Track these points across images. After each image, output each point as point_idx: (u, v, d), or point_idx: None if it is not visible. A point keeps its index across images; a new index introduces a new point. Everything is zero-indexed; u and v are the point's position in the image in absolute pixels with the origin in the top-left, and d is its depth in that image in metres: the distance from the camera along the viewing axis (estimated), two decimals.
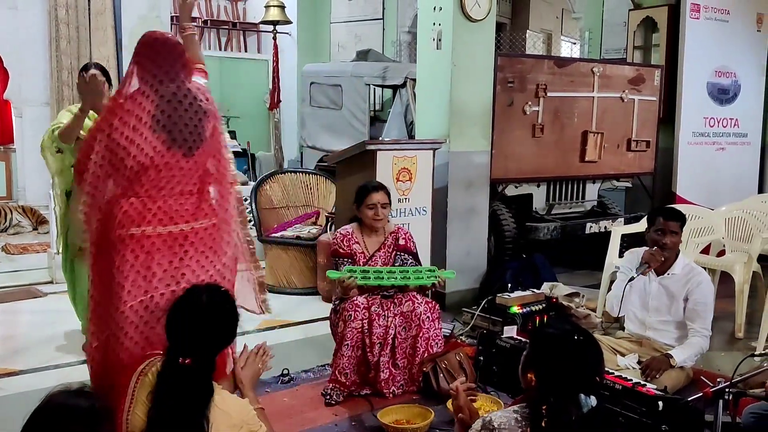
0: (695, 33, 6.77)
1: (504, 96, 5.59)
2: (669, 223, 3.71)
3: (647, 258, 3.72)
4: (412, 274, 3.78)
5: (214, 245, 2.74)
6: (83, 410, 1.70)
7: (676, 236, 3.72)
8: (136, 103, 2.60)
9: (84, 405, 1.71)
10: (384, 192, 3.90)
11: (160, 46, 2.70)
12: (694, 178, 6.87)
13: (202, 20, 10.62)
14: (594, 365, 2.05)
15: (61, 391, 1.77)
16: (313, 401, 3.63)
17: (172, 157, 2.62)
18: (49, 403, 1.72)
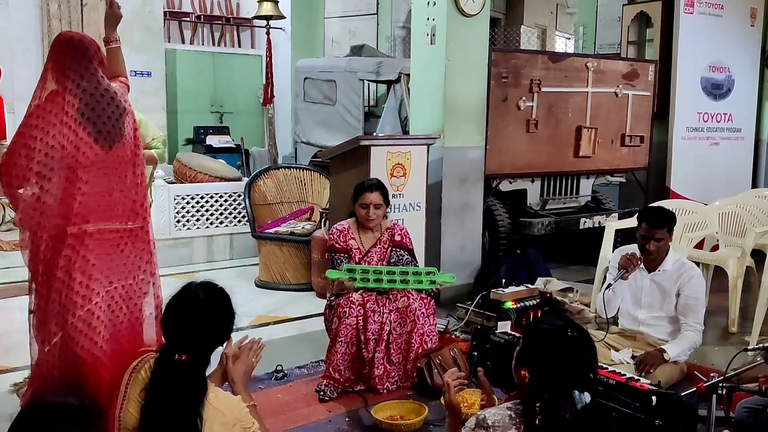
0: (689, 28, 6.77)
1: (498, 91, 5.58)
2: (654, 231, 3.71)
3: (623, 263, 3.74)
4: (412, 277, 3.77)
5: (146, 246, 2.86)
6: (73, 408, 1.69)
7: (662, 241, 3.73)
8: (58, 101, 2.64)
9: (74, 403, 1.70)
10: (379, 192, 3.88)
11: (77, 43, 2.77)
12: (688, 173, 6.88)
13: (195, 15, 10.58)
14: (587, 361, 2.05)
15: (50, 389, 1.76)
16: (306, 397, 3.63)
17: (99, 150, 2.68)
18: (38, 402, 1.70)
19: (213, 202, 6.74)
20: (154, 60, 8.36)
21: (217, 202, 6.76)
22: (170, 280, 5.05)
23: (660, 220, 3.73)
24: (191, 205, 6.62)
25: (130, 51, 8.25)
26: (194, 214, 6.63)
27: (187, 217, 6.60)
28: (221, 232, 6.77)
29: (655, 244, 3.72)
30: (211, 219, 6.74)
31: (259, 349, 2.56)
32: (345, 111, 7.83)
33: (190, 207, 6.61)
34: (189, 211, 6.61)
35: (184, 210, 6.57)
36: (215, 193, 6.72)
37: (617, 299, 3.86)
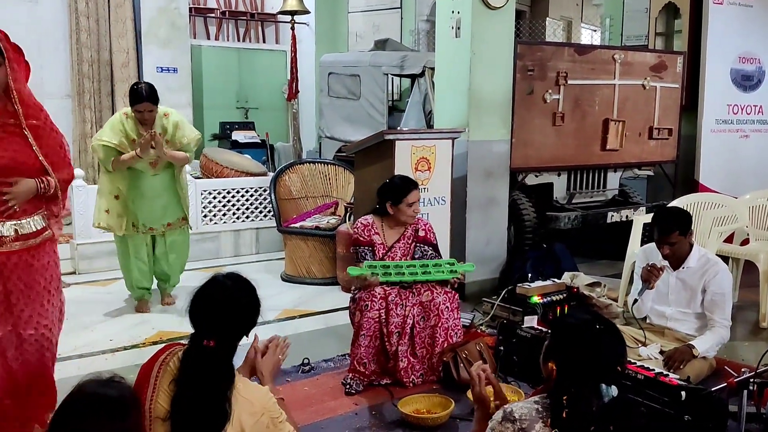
0: (719, 19, 6.66)
1: (524, 84, 5.54)
2: (665, 237, 3.68)
3: (645, 276, 3.72)
4: (432, 269, 3.77)
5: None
6: (113, 399, 1.72)
7: (677, 244, 3.69)
8: None
9: (113, 394, 1.73)
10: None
11: None
12: (717, 166, 6.78)
13: (221, 11, 10.64)
14: (615, 355, 2.03)
15: (91, 380, 1.80)
16: (333, 390, 3.64)
17: None
18: (79, 392, 1.74)
19: (239, 196, 6.79)
20: (180, 56, 8.44)
21: (243, 197, 6.81)
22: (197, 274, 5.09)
23: (668, 225, 3.68)
24: (218, 200, 6.68)
25: (156, 47, 8.37)
26: (221, 209, 6.69)
27: (213, 212, 6.66)
28: (247, 227, 6.82)
29: (669, 249, 3.69)
30: (238, 213, 6.79)
31: (285, 346, 2.58)
32: (369, 105, 7.83)
33: (216, 202, 6.67)
34: (215, 206, 6.67)
35: (210, 205, 6.63)
36: (241, 187, 6.77)
37: (647, 305, 3.86)
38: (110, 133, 4.64)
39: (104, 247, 5.95)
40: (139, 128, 4.65)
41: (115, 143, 4.60)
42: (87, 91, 8.49)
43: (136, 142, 4.59)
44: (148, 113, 4.60)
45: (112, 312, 4.96)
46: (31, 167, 2.79)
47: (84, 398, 1.72)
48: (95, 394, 1.73)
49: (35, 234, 2.84)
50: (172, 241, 4.98)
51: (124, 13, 8.44)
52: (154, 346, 4.15)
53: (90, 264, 5.94)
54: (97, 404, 1.70)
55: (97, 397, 1.72)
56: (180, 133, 4.75)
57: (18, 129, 2.78)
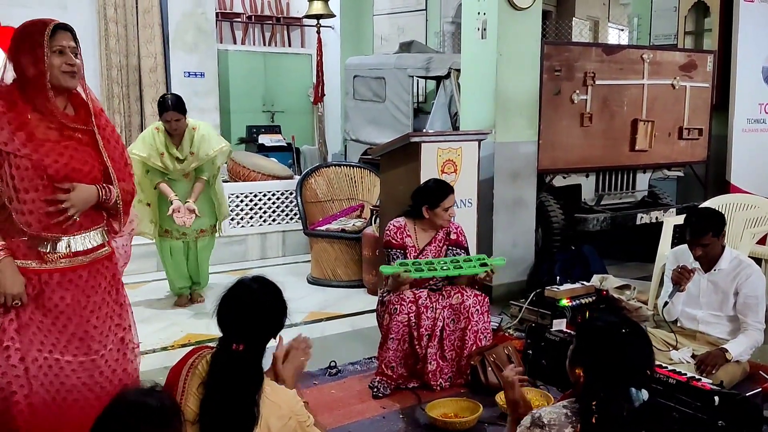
0: (749, 17, 6.55)
1: (551, 85, 5.49)
2: (697, 239, 3.62)
3: (676, 279, 3.67)
4: (464, 263, 3.76)
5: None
6: (154, 409, 1.73)
7: (709, 246, 3.62)
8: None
9: (154, 404, 1.74)
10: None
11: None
12: (749, 167, 6.66)
13: (246, 16, 10.71)
14: (643, 358, 2.00)
15: (132, 389, 1.81)
16: (360, 394, 3.64)
17: None
18: (121, 401, 1.75)
19: (266, 200, 6.83)
20: (206, 60, 8.51)
21: (269, 200, 6.85)
22: (224, 277, 5.14)
23: (701, 227, 3.62)
24: (245, 203, 6.72)
25: (184, 52, 8.45)
26: (248, 212, 6.73)
27: (241, 215, 6.71)
28: (274, 230, 6.85)
29: (702, 250, 3.63)
30: (264, 216, 6.83)
31: (307, 347, 2.56)
32: (394, 108, 7.82)
33: (243, 205, 6.71)
34: (243, 209, 6.71)
35: (238, 208, 6.68)
36: (268, 191, 6.81)
37: (677, 308, 3.80)
38: (141, 145, 4.85)
39: (134, 251, 5.95)
40: (168, 142, 4.83)
41: (144, 155, 4.78)
42: (116, 96, 8.59)
43: (164, 155, 4.80)
44: (176, 122, 4.76)
45: (141, 315, 4.98)
46: (94, 174, 2.49)
47: (126, 407, 1.73)
48: (137, 403, 1.74)
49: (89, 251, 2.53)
50: (202, 247, 5.16)
51: (152, 18, 8.54)
52: (183, 348, 4.19)
53: None
54: (139, 413, 1.71)
55: (139, 406, 1.72)
56: (206, 146, 4.90)
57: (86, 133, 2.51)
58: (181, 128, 4.82)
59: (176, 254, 5.10)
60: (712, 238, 3.60)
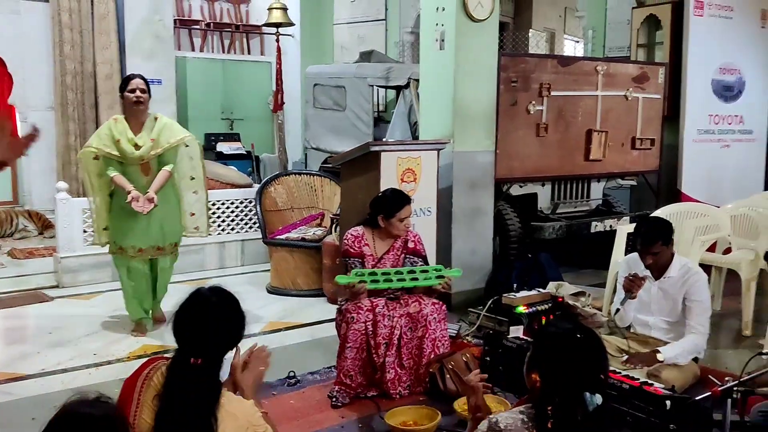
0: (699, 30, 6.74)
1: (508, 96, 5.58)
2: (647, 247, 3.72)
3: (627, 286, 3.76)
4: (420, 275, 3.78)
5: None
6: (100, 419, 1.69)
7: (659, 254, 3.73)
8: None
9: (100, 414, 1.70)
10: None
11: None
12: (699, 176, 6.84)
13: (205, 23, 10.64)
14: (598, 363, 2.04)
15: (77, 400, 1.76)
16: (319, 403, 3.63)
17: None
18: (65, 413, 1.71)
19: (224, 208, 6.77)
20: (164, 68, 8.42)
21: (228, 208, 6.79)
22: (182, 287, 5.08)
23: (651, 236, 3.73)
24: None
25: (141, 59, 8.35)
26: None
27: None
28: (232, 239, 6.79)
29: (652, 258, 3.73)
30: (223, 225, 6.76)
31: (266, 357, 2.53)
32: (355, 117, 7.85)
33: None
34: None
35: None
36: (226, 199, 6.75)
37: (629, 314, 3.90)
38: (94, 139, 4.56)
39: (88, 260, 5.91)
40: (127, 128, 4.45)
41: (94, 147, 4.47)
42: (71, 103, 8.45)
43: (120, 141, 4.41)
44: (141, 92, 4.42)
45: (95, 326, 4.91)
46: None
47: (70, 419, 1.69)
48: (81, 414, 1.70)
49: None
50: (162, 269, 4.77)
51: (108, 25, 8.42)
52: (139, 359, 4.13)
53: (74, 277, 5.89)
54: (83, 425, 1.67)
55: (84, 418, 1.69)
56: (168, 133, 4.58)
57: None
58: (146, 103, 4.46)
59: (135, 275, 4.65)
60: (661, 246, 3.70)
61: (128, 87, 4.45)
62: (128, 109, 4.50)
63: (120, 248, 4.60)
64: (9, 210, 8.18)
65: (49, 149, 8.64)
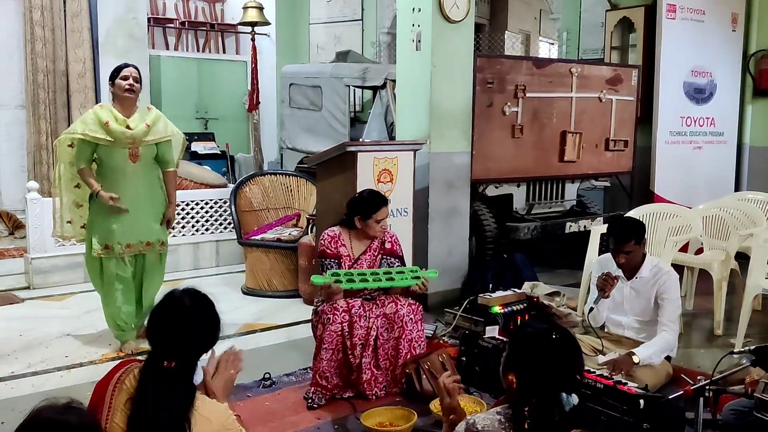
0: (671, 33, 6.84)
1: (483, 97, 5.60)
2: (620, 246, 3.76)
3: (600, 285, 3.81)
4: (396, 275, 3.78)
5: None
6: (72, 427, 1.65)
7: (631, 253, 3.77)
8: None
9: (73, 421, 1.65)
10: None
11: None
12: (671, 177, 6.93)
13: (180, 21, 10.54)
14: (573, 363, 2.05)
15: (48, 406, 1.70)
16: (295, 405, 3.61)
17: None
18: (34, 420, 1.66)
19: (198, 209, 6.71)
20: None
21: (202, 209, 6.73)
22: None
23: (623, 234, 3.78)
24: (177, 212, 6.57)
25: (114, 58, 8.24)
26: (179, 221, 6.59)
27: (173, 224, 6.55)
28: (207, 239, 6.74)
29: (624, 257, 3.77)
30: (197, 226, 6.71)
31: (237, 359, 2.50)
32: (331, 117, 7.83)
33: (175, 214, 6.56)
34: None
35: None
36: (201, 199, 6.69)
37: (602, 314, 3.94)
38: (77, 125, 4.22)
39: (59, 261, 5.83)
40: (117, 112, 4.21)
41: (79, 133, 4.15)
42: (42, 102, 8.33)
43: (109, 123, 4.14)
44: (134, 80, 4.22)
45: (67, 328, 4.84)
46: None
47: (41, 426, 1.64)
48: (52, 421, 1.65)
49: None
50: (150, 264, 4.47)
51: (81, 23, 8.31)
52: (111, 362, 4.07)
53: (45, 279, 5.80)
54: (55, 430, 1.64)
55: (55, 425, 1.64)
56: (164, 123, 4.42)
57: None
58: (137, 93, 4.25)
59: (122, 278, 4.32)
60: (634, 245, 3.75)
61: (120, 74, 4.22)
62: (118, 98, 4.25)
63: (106, 247, 4.27)
64: None
65: (20, 148, 8.51)
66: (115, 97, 4.29)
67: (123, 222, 4.28)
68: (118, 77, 4.23)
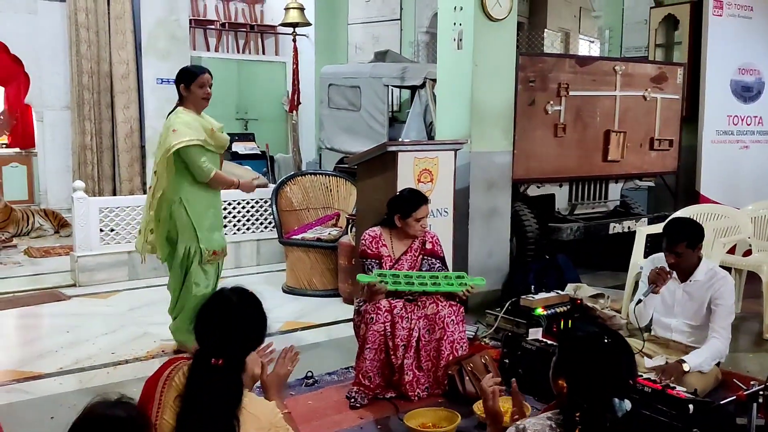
0: (718, 30, 6.68)
1: (525, 95, 5.54)
2: (672, 246, 3.67)
3: (653, 278, 3.71)
4: (442, 280, 3.75)
5: None
6: (123, 421, 1.70)
7: (683, 256, 3.67)
8: None
9: (124, 416, 1.71)
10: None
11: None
12: (718, 177, 6.78)
13: (220, 23, 10.66)
14: (626, 367, 2.01)
15: (100, 402, 1.76)
16: (337, 404, 3.61)
17: None
18: (89, 415, 1.72)
19: (240, 208, 6.77)
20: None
21: (244, 208, 6.79)
22: None
23: (677, 236, 3.68)
24: None
25: (156, 59, 8.37)
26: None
27: None
28: (248, 239, 6.80)
29: (675, 258, 3.68)
30: (239, 225, 6.77)
31: (294, 356, 2.54)
32: (369, 117, 7.83)
33: None
34: None
35: None
36: (242, 199, 6.75)
37: (649, 311, 3.83)
38: (189, 131, 4.04)
39: (105, 259, 5.94)
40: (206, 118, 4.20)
41: (202, 139, 4.08)
42: (87, 103, 8.49)
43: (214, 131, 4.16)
44: (210, 87, 4.18)
45: (113, 325, 4.92)
46: None
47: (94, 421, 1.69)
48: (105, 416, 1.70)
49: None
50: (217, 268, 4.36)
51: (124, 24, 8.46)
52: (156, 359, 4.13)
53: (90, 276, 5.91)
54: (107, 427, 1.68)
55: (108, 419, 1.69)
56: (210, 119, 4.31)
57: None
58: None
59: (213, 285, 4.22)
60: (686, 248, 3.65)
61: (197, 80, 4.12)
62: (193, 103, 4.16)
63: (214, 253, 4.20)
64: (25, 209, 8.22)
65: (65, 148, 8.70)
66: (186, 101, 4.17)
67: (220, 226, 4.32)
68: (193, 83, 4.12)
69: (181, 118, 4.10)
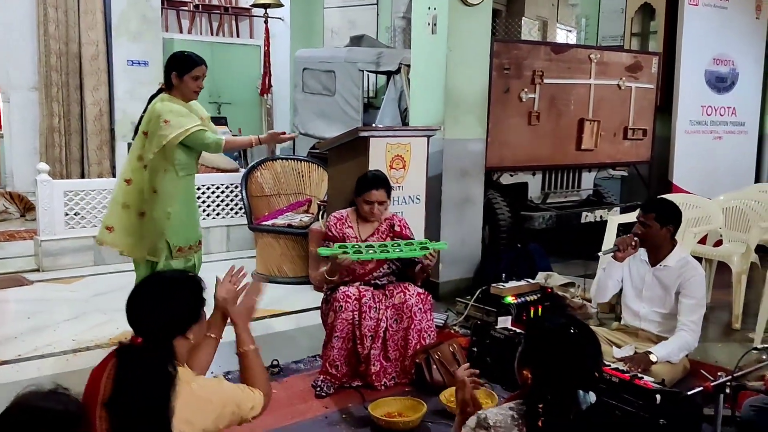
0: (694, 20, 6.68)
1: (500, 82, 5.49)
2: (642, 215, 3.71)
3: (618, 241, 3.73)
4: (405, 247, 3.68)
5: None
6: (57, 414, 1.60)
7: (649, 228, 3.69)
8: None
9: (56, 408, 1.60)
10: (384, 189, 3.79)
11: None
12: (690, 167, 6.80)
13: (194, 4, 10.48)
14: (592, 359, 1.98)
15: (31, 392, 1.65)
16: (303, 393, 3.56)
17: None
18: (17, 406, 1.61)
19: (209, 193, 6.65)
20: (151, 49, 8.28)
21: (213, 193, 6.67)
22: None
23: (649, 206, 3.74)
24: None
25: (127, 40, 8.20)
26: None
27: None
28: (217, 224, 6.68)
29: (641, 229, 3.69)
30: (208, 210, 6.65)
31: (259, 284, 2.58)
32: (344, 102, 7.74)
33: None
34: None
35: None
36: (212, 184, 6.63)
37: (608, 283, 3.83)
38: (183, 119, 3.87)
39: (69, 243, 5.80)
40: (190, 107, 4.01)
41: (198, 124, 3.90)
42: (55, 84, 8.30)
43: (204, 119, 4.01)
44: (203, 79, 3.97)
45: (75, 311, 4.80)
46: None
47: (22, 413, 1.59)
48: (35, 408, 1.60)
49: None
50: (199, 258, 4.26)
51: (94, 4, 8.27)
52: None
53: (54, 261, 5.77)
54: (39, 420, 1.57)
55: (39, 412, 1.59)
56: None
57: None
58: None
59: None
60: (654, 221, 3.67)
61: (192, 72, 3.90)
62: (182, 93, 3.95)
63: (189, 247, 4.10)
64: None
65: (32, 130, 8.50)
66: (174, 90, 3.95)
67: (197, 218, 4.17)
68: (188, 74, 3.90)
69: (169, 106, 3.89)
